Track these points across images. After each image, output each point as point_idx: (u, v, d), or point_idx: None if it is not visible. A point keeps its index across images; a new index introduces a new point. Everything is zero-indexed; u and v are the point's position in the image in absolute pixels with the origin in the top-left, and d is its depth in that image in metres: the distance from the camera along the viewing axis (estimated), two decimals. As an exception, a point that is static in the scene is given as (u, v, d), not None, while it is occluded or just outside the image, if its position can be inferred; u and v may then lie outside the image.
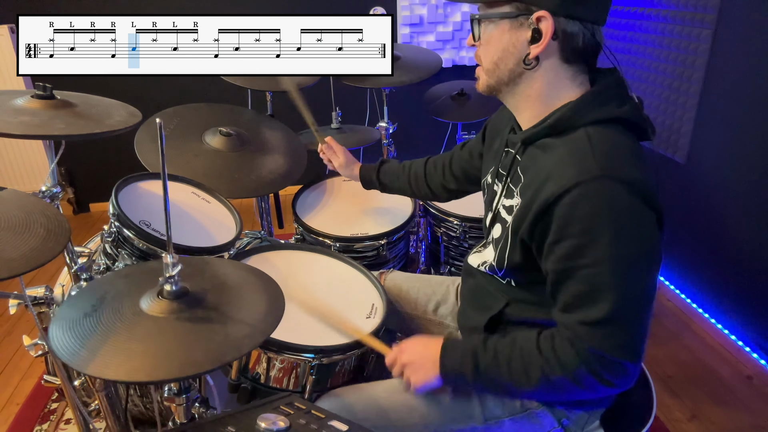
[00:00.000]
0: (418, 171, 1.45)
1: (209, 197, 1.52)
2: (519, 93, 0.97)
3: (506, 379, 0.94)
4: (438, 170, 1.41)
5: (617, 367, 0.87)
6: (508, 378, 0.94)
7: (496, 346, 0.96)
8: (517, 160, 1.00)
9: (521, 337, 0.95)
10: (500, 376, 0.94)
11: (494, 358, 0.95)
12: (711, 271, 2.26)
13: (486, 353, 0.96)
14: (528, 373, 0.92)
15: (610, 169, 0.83)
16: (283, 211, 2.32)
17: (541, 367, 0.91)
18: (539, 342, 0.93)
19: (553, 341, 0.91)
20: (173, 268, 0.83)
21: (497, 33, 0.93)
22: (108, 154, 3.18)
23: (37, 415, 1.86)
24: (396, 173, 1.48)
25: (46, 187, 1.22)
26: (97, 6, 3.04)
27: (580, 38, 0.88)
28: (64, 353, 0.75)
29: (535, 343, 0.93)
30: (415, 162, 1.47)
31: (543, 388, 0.92)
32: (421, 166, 1.45)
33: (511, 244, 0.97)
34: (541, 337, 0.93)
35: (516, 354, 0.94)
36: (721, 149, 2.14)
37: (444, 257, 1.87)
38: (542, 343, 0.92)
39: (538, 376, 0.91)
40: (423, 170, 1.44)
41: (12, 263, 0.86)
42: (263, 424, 0.75)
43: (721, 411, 1.85)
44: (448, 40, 3.36)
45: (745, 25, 1.98)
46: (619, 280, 0.84)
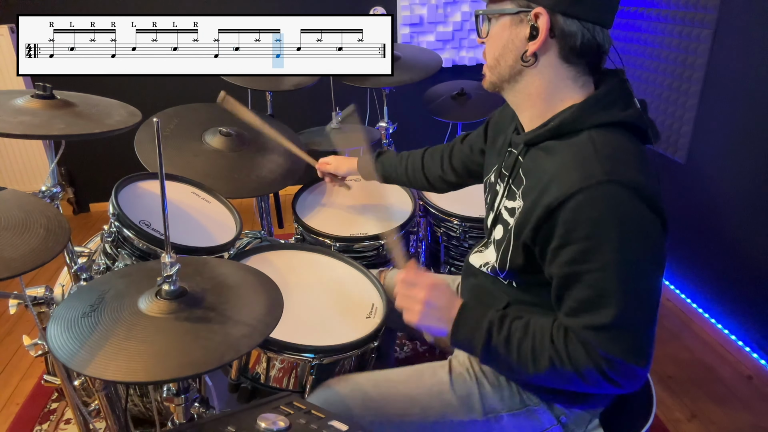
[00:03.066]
0: (415, 162, 1.45)
1: (209, 197, 1.52)
2: (520, 91, 0.97)
3: (514, 359, 0.94)
4: (436, 162, 1.41)
5: (627, 370, 0.87)
6: (516, 359, 0.94)
7: (511, 327, 0.95)
8: (519, 162, 1.00)
9: (536, 323, 0.95)
10: (509, 355, 0.94)
11: (507, 338, 0.95)
12: (711, 271, 2.26)
13: (500, 332, 0.95)
14: (537, 360, 0.92)
15: (615, 174, 0.83)
16: (283, 211, 2.32)
17: (551, 357, 0.91)
18: (553, 332, 0.92)
19: (566, 337, 0.90)
20: (171, 268, 0.83)
21: (499, 29, 0.94)
22: (108, 154, 3.19)
23: (37, 415, 1.86)
24: (393, 164, 1.49)
25: (46, 187, 1.22)
26: (97, 6, 3.04)
27: (578, 37, 0.88)
28: (63, 354, 0.75)
29: (549, 333, 0.92)
30: (413, 153, 1.47)
31: (548, 375, 0.92)
32: (419, 157, 1.44)
33: (513, 246, 0.97)
34: (555, 328, 0.93)
35: (528, 338, 0.93)
36: (721, 149, 2.14)
37: (444, 257, 1.87)
38: (556, 335, 0.92)
39: (547, 364, 0.91)
40: (420, 161, 1.44)
41: (12, 263, 0.86)
42: (263, 424, 0.75)
43: (721, 411, 1.85)
44: (448, 40, 3.36)
45: (745, 25, 1.98)
46: (625, 284, 0.84)
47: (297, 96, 2.95)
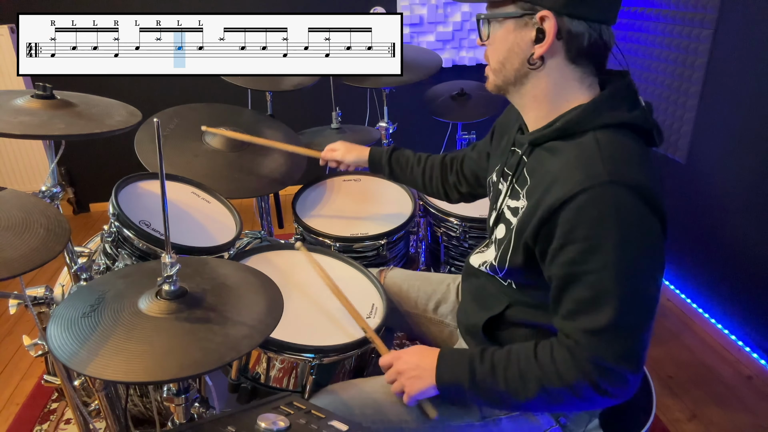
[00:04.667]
0: (434, 166, 1.40)
1: (209, 197, 1.52)
2: (526, 93, 0.96)
3: (503, 389, 0.93)
4: (453, 170, 1.38)
5: (617, 377, 0.86)
6: (504, 388, 0.93)
7: (493, 357, 0.95)
8: (523, 161, 0.99)
9: (518, 348, 0.95)
10: (497, 386, 0.93)
11: (492, 368, 0.94)
12: (711, 271, 2.26)
13: (483, 363, 0.95)
14: (526, 384, 0.91)
15: (618, 175, 0.83)
16: (283, 211, 2.32)
17: (539, 378, 0.90)
18: (537, 352, 0.92)
19: (552, 351, 0.90)
20: (171, 268, 0.83)
21: (503, 33, 0.93)
22: (108, 154, 3.19)
23: (37, 415, 1.86)
24: (409, 163, 1.44)
25: (46, 187, 1.22)
26: (96, 5, 3.04)
27: (585, 38, 0.87)
28: (62, 354, 0.75)
29: (533, 354, 0.92)
30: (432, 156, 1.42)
31: (540, 399, 0.91)
32: (438, 162, 1.40)
33: (514, 246, 0.97)
34: (539, 348, 0.92)
35: (513, 364, 0.93)
36: (721, 149, 2.14)
37: (444, 257, 1.87)
38: (540, 354, 0.91)
39: (536, 387, 0.90)
40: (440, 167, 1.40)
41: (12, 263, 0.86)
42: (263, 424, 0.75)
43: (721, 411, 1.85)
44: (448, 40, 3.36)
45: (745, 25, 1.98)
46: (624, 286, 0.83)
47: (297, 96, 2.95)
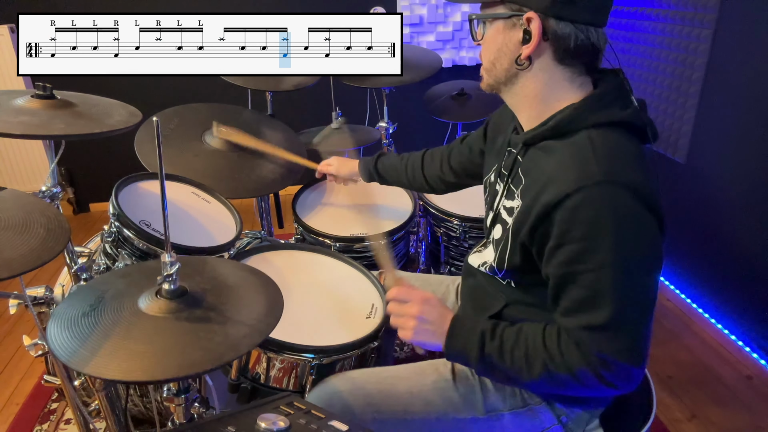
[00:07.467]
0: (415, 163, 1.45)
1: (209, 197, 1.52)
2: (517, 93, 0.97)
3: (508, 367, 0.94)
4: (436, 163, 1.41)
5: (621, 371, 0.87)
6: (510, 366, 0.94)
7: (503, 334, 0.96)
8: (518, 161, 1.00)
9: (528, 329, 0.95)
10: (503, 363, 0.94)
11: (500, 346, 0.95)
12: (711, 271, 2.26)
13: (493, 340, 0.96)
14: (531, 366, 0.92)
15: (613, 174, 0.83)
16: (283, 211, 2.32)
17: (545, 361, 0.91)
18: (545, 337, 0.92)
19: (559, 339, 0.91)
20: (171, 267, 0.83)
21: (492, 33, 0.94)
22: (108, 154, 3.19)
23: (37, 415, 1.86)
24: (394, 165, 1.49)
25: (46, 187, 1.22)
26: (96, 5, 3.04)
27: (572, 40, 0.88)
28: (62, 353, 0.75)
29: (542, 339, 0.92)
30: (413, 154, 1.48)
31: (544, 381, 0.92)
32: (419, 158, 1.45)
33: (511, 246, 0.97)
34: (547, 332, 0.93)
35: (521, 345, 0.93)
36: (721, 149, 2.14)
37: (444, 257, 1.87)
38: (548, 339, 0.92)
39: (540, 370, 0.91)
40: (420, 162, 1.44)
41: (12, 263, 0.86)
42: (263, 424, 0.74)
43: (721, 411, 1.85)
44: (448, 40, 3.36)
45: (745, 25, 1.98)
46: (621, 285, 0.84)
47: (297, 96, 2.95)
